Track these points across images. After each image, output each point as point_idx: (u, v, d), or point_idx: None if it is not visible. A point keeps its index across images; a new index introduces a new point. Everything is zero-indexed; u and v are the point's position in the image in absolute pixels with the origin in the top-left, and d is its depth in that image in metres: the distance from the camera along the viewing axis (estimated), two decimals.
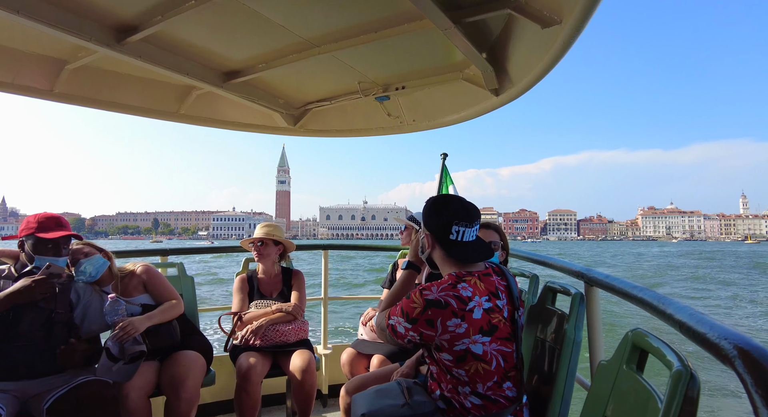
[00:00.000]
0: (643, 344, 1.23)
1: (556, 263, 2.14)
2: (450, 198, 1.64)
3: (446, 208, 1.58)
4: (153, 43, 2.41)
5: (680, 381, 0.99)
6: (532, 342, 1.95)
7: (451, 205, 1.59)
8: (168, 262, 3.11)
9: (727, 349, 0.84)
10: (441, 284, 1.47)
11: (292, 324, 2.78)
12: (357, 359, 2.68)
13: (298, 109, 3.46)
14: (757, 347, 0.80)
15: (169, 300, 2.44)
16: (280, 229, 3.03)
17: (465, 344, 1.41)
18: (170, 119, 3.16)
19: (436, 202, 1.62)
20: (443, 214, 1.57)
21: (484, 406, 1.46)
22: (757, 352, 0.78)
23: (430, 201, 1.64)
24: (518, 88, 2.45)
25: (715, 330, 0.94)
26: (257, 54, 2.66)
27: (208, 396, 3.15)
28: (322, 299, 3.67)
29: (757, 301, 18.36)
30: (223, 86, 2.85)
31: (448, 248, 1.56)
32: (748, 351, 0.79)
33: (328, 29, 2.37)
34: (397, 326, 1.49)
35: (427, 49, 2.59)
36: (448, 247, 1.56)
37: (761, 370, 0.74)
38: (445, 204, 1.60)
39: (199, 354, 2.41)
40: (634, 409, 1.17)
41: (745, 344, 0.81)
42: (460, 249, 1.55)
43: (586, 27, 1.69)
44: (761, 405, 0.68)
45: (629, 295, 1.49)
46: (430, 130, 3.31)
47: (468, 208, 1.59)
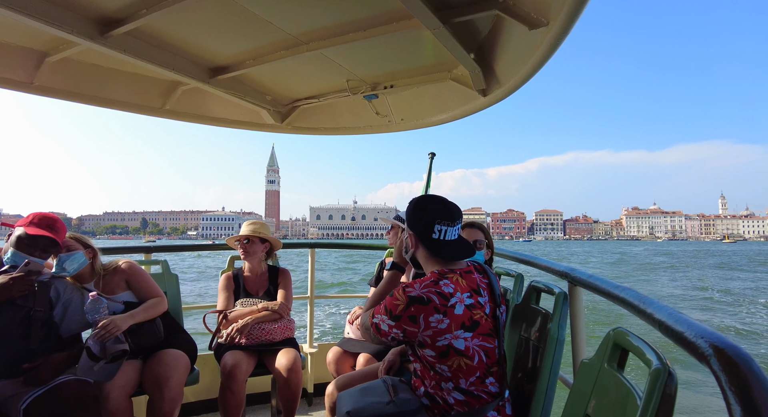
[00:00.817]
0: (623, 343, 1.25)
1: (541, 263, 2.17)
2: (432, 198, 1.66)
3: (428, 208, 1.61)
4: (138, 37, 2.37)
5: (659, 378, 1.01)
6: (516, 340, 1.97)
7: (433, 204, 1.62)
8: (152, 260, 3.07)
9: (703, 348, 0.85)
10: (423, 281, 1.49)
11: (278, 323, 2.76)
12: (343, 358, 2.68)
13: (286, 107, 3.43)
14: (731, 346, 0.81)
15: (152, 298, 2.40)
16: (267, 226, 3.01)
17: (447, 340, 1.44)
18: (155, 115, 3.11)
19: (419, 202, 1.65)
20: (426, 214, 1.59)
21: (467, 402, 1.48)
22: (732, 350, 0.80)
23: (413, 201, 1.67)
24: (505, 89, 2.47)
25: (692, 329, 0.95)
26: (245, 50, 2.63)
27: (191, 395, 3.12)
28: (309, 298, 3.65)
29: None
30: (210, 82, 2.81)
31: (431, 247, 1.59)
32: (723, 350, 0.81)
33: (316, 26, 2.35)
34: (381, 324, 1.51)
35: (416, 48, 2.59)
36: (431, 246, 1.59)
37: (735, 368, 0.75)
38: (428, 204, 1.63)
39: (183, 352, 2.38)
40: (614, 406, 1.19)
41: (721, 343, 0.83)
42: (442, 248, 1.58)
43: (573, 29, 1.71)
44: (734, 402, 0.69)
45: (611, 294, 1.51)
46: (418, 129, 3.32)
47: (449, 207, 1.61)
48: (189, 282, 22.24)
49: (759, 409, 0.67)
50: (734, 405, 0.69)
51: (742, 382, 0.72)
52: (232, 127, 3.47)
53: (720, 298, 18.80)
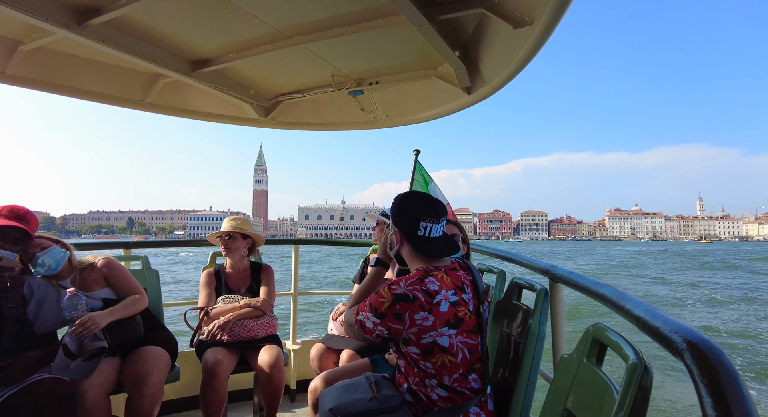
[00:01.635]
0: (602, 338, 1.28)
1: (523, 260, 2.19)
2: (417, 195, 1.67)
3: (414, 205, 1.61)
4: (117, 27, 2.30)
5: (635, 372, 1.03)
6: (498, 336, 1.99)
7: (418, 201, 1.62)
8: (132, 255, 3.01)
9: (677, 342, 0.87)
10: (409, 279, 1.49)
11: (261, 319, 2.74)
12: (326, 354, 2.67)
13: (270, 101, 3.39)
14: (704, 340, 0.83)
15: (132, 294, 2.36)
16: (248, 222, 2.97)
17: (432, 337, 1.44)
18: (135, 108, 3.04)
19: (404, 199, 1.65)
20: (411, 211, 1.59)
21: (450, 398, 1.49)
22: (704, 344, 0.82)
23: (398, 198, 1.67)
24: (490, 87, 2.49)
25: (667, 324, 0.97)
26: (227, 43, 2.59)
27: (172, 392, 3.07)
28: (292, 294, 3.63)
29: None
30: (192, 75, 2.76)
31: (416, 244, 1.59)
32: (696, 344, 0.82)
33: (301, 20, 2.33)
34: (366, 321, 1.50)
35: (402, 45, 2.59)
36: (416, 242, 1.59)
37: (707, 361, 0.77)
38: (413, 201, 1.63)
39: (164, 349, 2.34)
40: (592, 400, 1.21)
41: (694, 337, 0.85)
42: (427, 244, 1.58)
43: (556, 29, 1.73)
44: (705, 394, 0.71)
45: (590, 290, 1.53)
46: (403, 126, 3.32)
47: (434, 204, 1.62)
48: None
49: (728, 401, 0.68)
50: (705, 396, 0.71)
51: (713, 375, 0.74)
52: (215, 121, 3.41)
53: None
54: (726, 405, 0.68)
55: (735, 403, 0.68)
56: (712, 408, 0.69)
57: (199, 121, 3.57)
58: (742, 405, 0.68)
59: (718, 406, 0.69)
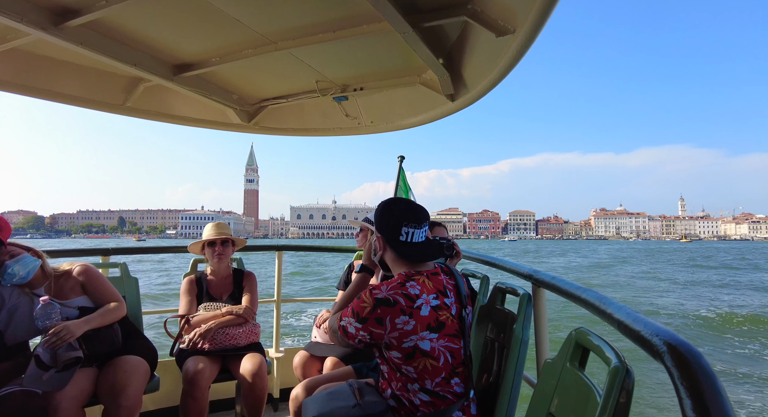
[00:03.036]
0: (585, 342, 1.28)
1: (507, 265, 2.20)
2: (399, 201, 1.68)
3: (395, 211, 1.62)
4: (96, 29, 2.25)
5: (617, 376, 1.04)
6: (482, 341, 1.99)
7: (399, 207, 1.64)
8: (110, 262, 2.94)
9: (658, 346, 0.89)
10: (390, 283, 1.50)
11: (243, 327, 2.70)
12: (310, 362, 2.64)
13: (253, 106, 3.36)
14: (683, 343, 0.85)
15: (110, 302, 2.30)
16: (228, 226, 2.96)
17: (413, 341, 1.44)
18: (115, 112, 2.97)
19: (386, 205, 1.66)
20: (393, 217, 1.60)
21: (432, 403, 1.49)
22: (683, 347, 0.84)
23: (381, 205, 1.68)
24: (473, 95, 2.50)
25: (648, 328, 0.98)
26: (210, 48, 2.56)
27: (151, 403, 2.99)
28: (275, 301, 3.59)
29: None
30: (174, 79, 2.71)
31: (398, 249, 1.60)
32: (675, 347, 0.84)
33: (285, 26, 2.31)
34: (348, 327, 1.50)
35: (386, 51, 2.60)
36: (398, 248, 1.60)
37: (686, 364, 0.79)
38: (395, 206, 1.64)
39: (142, 359, 2.29)
40: (576, 404, 1.22)
41: (673, 340, 0.86)
42: (410, 250, 1.60)
43: (538, 38, 1.76)
44: (685, 396, 0.73)
45: (573, 295, 1.55)
46: (387, 132, 3.33)
47: (416, 209, 1.63)
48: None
49: (707, 402, 0.70)
50: (685, 398, 0.73)
51: (692, 377, 0.76)
52: (197, 126, 3.37)
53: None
54: (705, 406, 0.70)
55: (713, 404, 0.70)
56: (691, 409, 0.70)
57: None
58: (720, 406, 0.69)
59: (697, 407, 0.70)
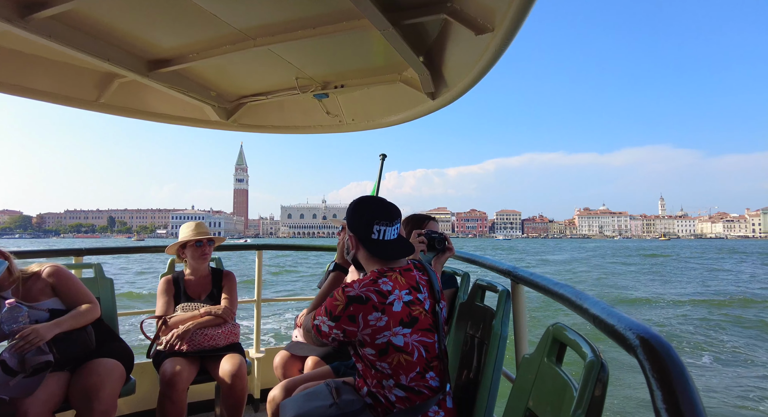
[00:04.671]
0: (561, 338, 1.30)
1: (486, 262, 2.21)
2: (370, 199, 1.68)
3: (367, 209, 1.63)
4: (66, 22, 2.17)
5: (592, 369, 1.06)
6: (462, 337, 2.00)
7: (371, 205, 1.64)
8: (83, 263, 2.86)
9: (631, 339, 0.90)
10: (362, 281, 1.51)
11: (222, 327, 2.66)
12: (291, 362, 2.61)
13: (232, 103, 3.30)
14: (655, 336, 0.87)
15: (82, 304, 2.23)
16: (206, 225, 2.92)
17: (386, 337, 1.45)
18: (89, 108, 2.88)
19: (358, 204, 1.66)
20: (364, 215, 1.61)
21: (407, 398, 1.50)
22: (655, 340, 0.85)
23: (352, 203, 1.68)
24: (453, 93, 2.51)
25: (622, 322, 1.00)
26: (187, 43, 2.50)
27: (126, 407, 2.92)
28: (255, 301, 3.55)
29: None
30: (150, 75, 2.64)
31: (370, 248, 1.60)
32: (647, 340, 0.86)
33: (263, 22, 2.27)
34: (322, 325, 1.50)
35: (367, 49, 2.58)
36: (370, 246, 1.60)
37: (657, 356, 0.81)
38: (366, 205, 1.65)
39: (117, 361, 2.24)
40: (553, 398, 1.23)
41: (646, 334, 0.88)
42: (382, 248, 1.60)
43: (517, 36, 1.76)
44: (656, 387, 0.74)
45: (550, 291, 1.56)
46: (369, 130, 3.31)
47: (388, 207, 1.64)
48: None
49: (676, 393, 0.72)
50: (656, 390, 0.74)
51: (663, 369, 0.77)
52: (174, 123, 3.29)
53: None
54: (674, 397, 0.71)
55: (682, 396, 0.71)
56: (662, 400, 0.71)
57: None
58: (689, 397, 0.71)
59: (667, 398, 0.72)
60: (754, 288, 22.15)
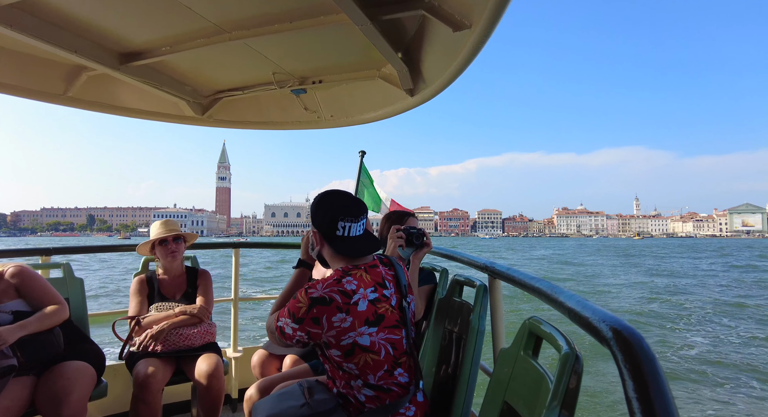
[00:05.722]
0: (537, 331, 1.31)
1: (464, 257, 2.22)
2: (334, 194, 1.63)
3: (331, 205, 1.57)
4: (28, 11, 2.08)
5: (567, 361, 1.07)
6: (440, 333, 2.01)
7: (336, 201, 1.59)
8: (51, 263, 2.76)
9: (604, 331, 0.92)
10: (326, 281, 1.46)
11: (198, 327, 2.61)
12: (269, 361, 2.58)
13: (207, 98, 3.23)
14: (627, 328, 0.88)
15: (49, 305, 2.15)
16: (177, 223, 2.85)
17: (351, 338, 1.42)
18: (55, 102, 2.77)
19: (321, 200, 1.61)
20: (328, 211, 1.56)
21: (377, 397, 1.48)
22: (627, 331, 0.87)
23: (316, 198, 1.63)
24: (432, 90, 2.51)
25: (596, 314, 1.01)
26: (160, 36, 2.43)
27: (97, 411, 2.83)
28: (233, 300, 3.49)
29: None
30: (120, 69, 2.56)
31: (335, 244, 1.56)
32: (620, 331, 0.87)
33: (239, 15, 2.23)
34: (285, 327, 1.46)
35: (345, 44, 2.56)
36: (335, 243, 1.56)
37: (629, 347, 0.82)
38: (330, 200, 1.59)
39: (87, 364, 2.16)
40: (529, 391, 1.25)
41: (619, 326, 0.89)
42: (347, 244, 1.56)
43: (494, 34, 1.77)
44: (628, 378, 0.76)
45: (527, 285, 1.57)
46: (348, 126, 3.29)
47: (353, 202, 1.59)
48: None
49: (647, 383, 0.73)
50: (628, 380, 0.75)
51: (634, 360, 0.79)
52: (148, 119, 3.19)
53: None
54: (645, 386, 0.73)
55: (653, 385, 0.73)
56: (633, 390, 0.73)
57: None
58: (658, 386, 0.72)
59: (638, 387, 0.73)
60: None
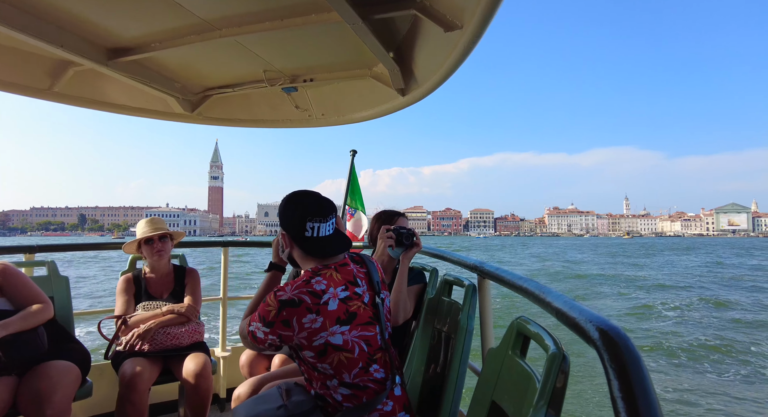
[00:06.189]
0: (525, 331, 1.32)
1: (453, 257, 2.23)
2: (302, 195, 1.61)
3: (299, 206, 1.56)
4: (12, 3, 2.03)
5: (554, 361, 1.08)
6: (430, 332, 2.01)
7: (302, 202, 1.58)
8: (35, 261, 2.71)
9: (591, 332, 0.93)
10: (295, 283, 1.46)
11: (186, 326, 2.59)
12: (257, 359, 2.56)
13: (197, 95, 3.19)
14: (614, 328, 0.89)
15: (32, 304, 2.12)
16: (164, 221, 2.82)
17: (323, 338, 1.42)
18: (41, 97, 2.72)
19: (288, 201, 1.59)
20: (296, 212, 1.55)
21: (354, 395, 1.48)
22: (613, 331, 0.88)
23: (284, 200, 1.61)
24: (423, 89, 2.50)
25: (583, 315, 1.02)
26: (150, 32, 2.39)
27: (81, 411, 2.79)
28: (221, 299, 3.47)
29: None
30: (108, 64, 2.51)
31: (305, 246, 1.55)
32: (606, 332, 0.88)
33: (229, 12, 2.21)
34: (257, 332, 1.46)
35: (337, 43, 2.54)
36: (304, 244, 1.55)
37: (615, 347, 0.83)
38: (297, 201, 1.58)
39: (72, 363, 2.13)
40: (517, 390, 1.25)
41: (605, 326, 0.90)
42: (317, 245, 1.55)
43: (485, 33, 1.77)
44: (613, 377, 0.77)
45: (515, 285, 1.58)
46: (339, 125, 3.28)
47: (321, 202, 1.58)
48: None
49: (632, 383, 0.74)
50: (613, 380, 0.76)
51: (620, 360, 0.79)
52: (136, 115, 3.14)
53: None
54: (630, 386, 0.74)
55: (637, 385, 0.74)
56: (618, 390, 0.74)
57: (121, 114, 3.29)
58: (643, 386, 0.73)
59: (623, 386, 0.74)
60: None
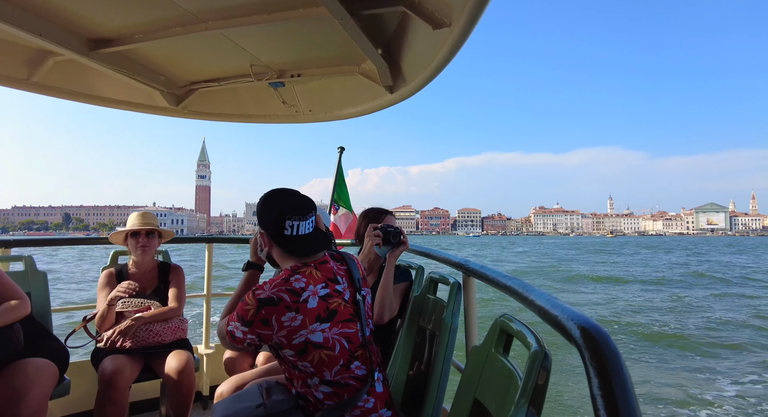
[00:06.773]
0: (508, 329, 1.33)
1: (439, 255, 2.24)
2: (280, 193, 1.59)
3: (277, 204, 1.54)
4: None
5: (536, 359, 1.09)
6: (415, 329, 2.02)
7: (281, 199, 1.56)
8: (11, 256, 2.64)
9: (572, 330, 0.93)
10: (274, 281, 1.45)
11: (169, 323, 2.55)
12: (242, 357, 2.54)
13: (182, 89, 3.13)
14: (594, 326, 0.90)
15: (8, 300, 2.06)
16: (155, 216, 2.77)
17: (303, 336, 1.41)
18: (18, 87, 2.63)
19: (267, 199, 1.58)
20: (274, 211, 1.53)
21: (335, 393, 1.47)
22: (594, 330, 0.89)
23: (262, 198, 1.59)
24: (411, 87, 2.50)
25: (565, 313, 1.03)
26: (133, 22, 2.34)
27: (59, 410, 2.73)
28: (205, 296, 3.43)
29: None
30: (90, 55, 2.45)
31: (284, 245, 1.54)
32: (587, 330, 0.89)
33: (216, 4, 2.16)
34: (235, 331, 1.44)
35: (325, 38, 2.52)
36: (283, 243, 1.54)
37: (595, 345, 0.84)
38: (275, 199, 1.56)
39: (49, 361, 2.08)
40: (499, 388, 1.26)
41: (586, 324, 0.91)
42: (296, 244, 1.53)
43: (474, 31, 1.77)
44: (593, 375, 0.77)
45: (499, 283, 1.59)
46: (326, 121, 3.26)
47: (300, 200, 1.56)
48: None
49: (611, 380, 0.75)
50: (593, 377, 0.77)
51: (600, 357, 0.80)
52: (119, 108, 3.07)
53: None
54: (609, 383, 0.75)
55: (617, 383, 0.75)
56: (598, 387, 0.75)
57: (104, 107, 3.21)
58: (622, 384, 0.75)
59: (602, 384, 0.75)
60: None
